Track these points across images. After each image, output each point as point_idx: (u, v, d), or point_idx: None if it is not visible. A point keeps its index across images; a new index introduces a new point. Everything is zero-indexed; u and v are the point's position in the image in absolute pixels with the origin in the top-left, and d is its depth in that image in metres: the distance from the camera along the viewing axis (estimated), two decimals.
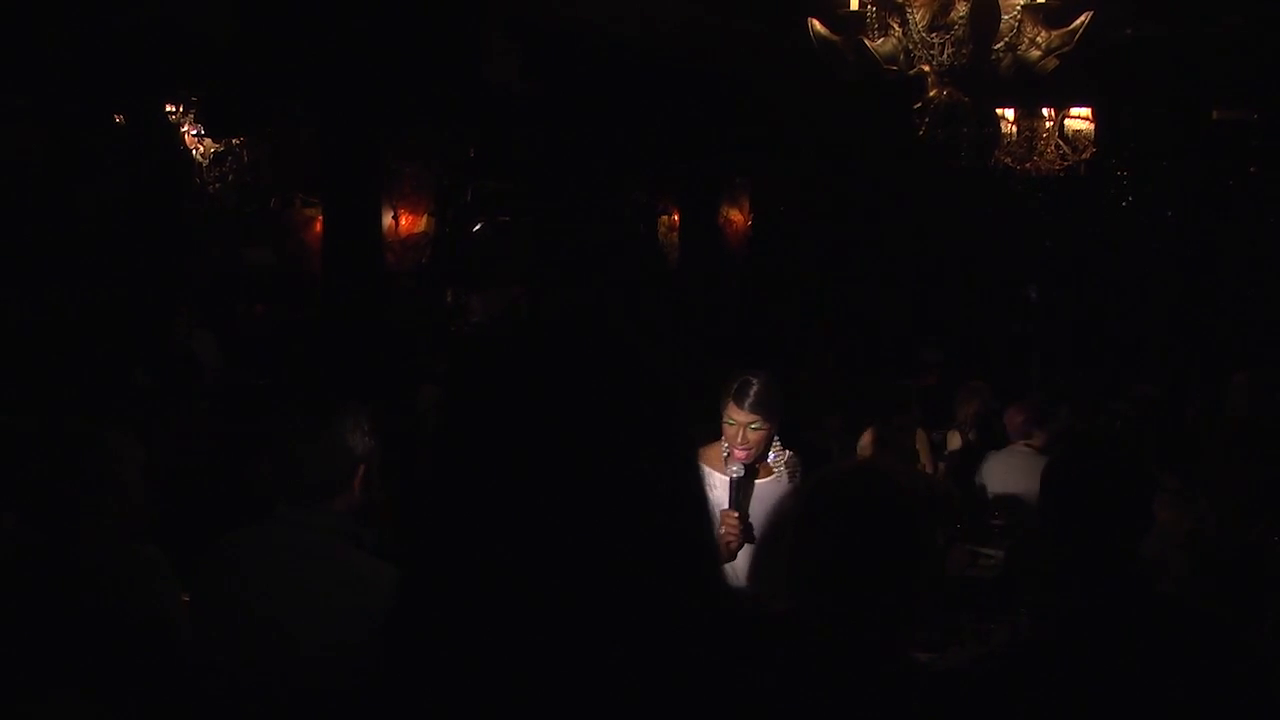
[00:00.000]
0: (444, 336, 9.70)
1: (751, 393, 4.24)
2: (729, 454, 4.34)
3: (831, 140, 11.75)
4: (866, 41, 4.74)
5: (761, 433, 4.27)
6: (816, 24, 4.92)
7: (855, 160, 12.13)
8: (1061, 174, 8.75)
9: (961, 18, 4.59)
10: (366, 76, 8.65)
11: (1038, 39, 4.77)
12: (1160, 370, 11.47)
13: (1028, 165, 8.61)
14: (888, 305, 13.15)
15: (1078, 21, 4.82)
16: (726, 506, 4.24)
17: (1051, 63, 4.87)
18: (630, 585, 1.27)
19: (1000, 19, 4.62)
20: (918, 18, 4.64)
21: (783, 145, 11.79)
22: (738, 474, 4.25)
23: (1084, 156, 8.54)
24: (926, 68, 4.71)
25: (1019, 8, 4.67)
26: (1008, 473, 6.47)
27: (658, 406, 1.36)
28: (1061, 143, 8.56)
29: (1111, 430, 6.82)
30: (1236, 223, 13.82)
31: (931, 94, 4.77)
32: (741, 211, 12.15)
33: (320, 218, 9.89)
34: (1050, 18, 4.84)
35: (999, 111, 8.47)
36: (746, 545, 4.25)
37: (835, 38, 4.89)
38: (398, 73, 8.60)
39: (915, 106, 4.87)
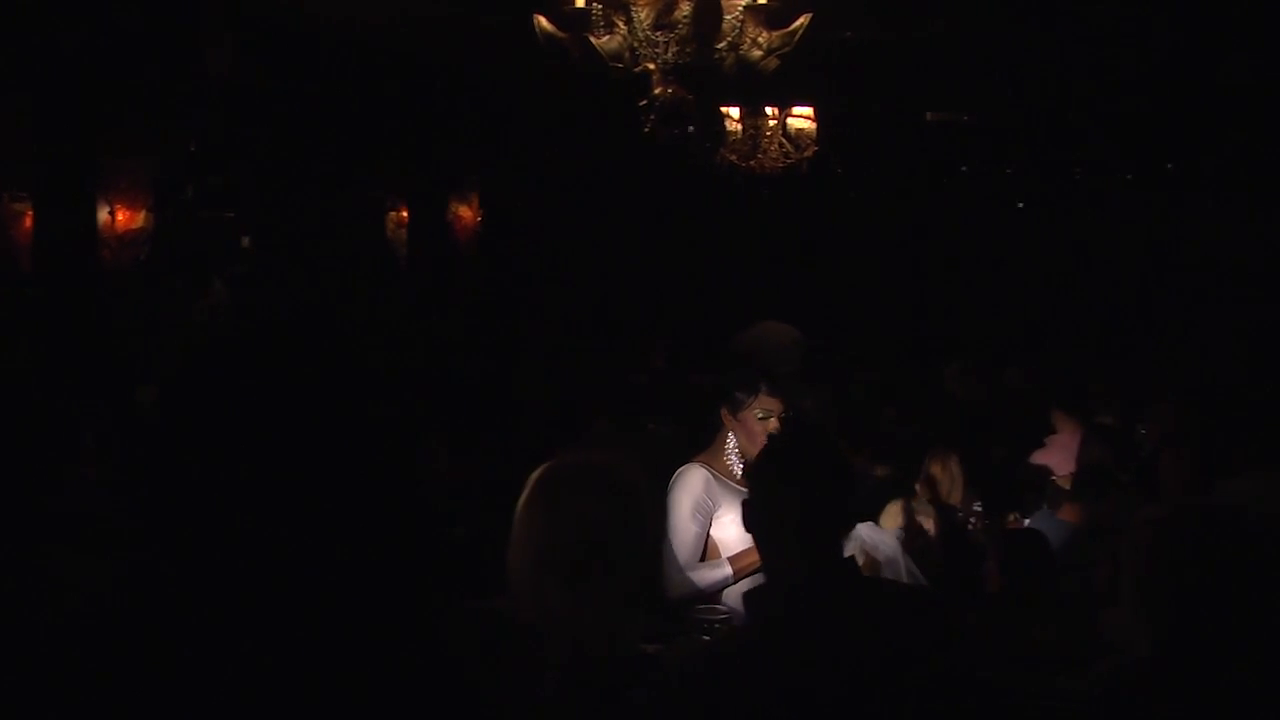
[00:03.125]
0: (164, 335, 9.36)
1: (764, 380, 4.20)
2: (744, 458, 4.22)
3: (560, 137, 11.77)
4: (592, 39, 4.75)
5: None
6: (543, 21, 4.90)
7: (584, 157, 12.17)
8: (785, 171, 8.93)
9: (685, 17, 4.63)
10: (79, 66, 8.28)
11: (759, 39, 4.86)
12: (882, 362, 11.86)
13: (752, 163, 8.76)
14: (623, 302, 13.26)
15: (797, 23, 4.92)
16: None
17: (773, 62, 4.95)
18: (349, 576, 1.27)
19: (723, 19, 4.68)
20: (642, 16, 4.66)
21: (512, 142, 11.76)
22: None
23: (806, 155, 8.74)
24: (651, 66, 4.74)
25: (741, 8, 4.74)
26: None
27: (379, 404, 1.33)
28: (785, 141, 8.75)
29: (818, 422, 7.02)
30: (950, 220, 14.43)
31: (657, 91, 4.80)
32: (471, 208, 12.07)
33: (30, 213, 9.40)
34: (771, 19, 4.92)
35: (724, 109, 8.61)
36: None
37: (562, 35, 4.88)
38: (112, 63, 8.26)
39: (641, 104, 4.89)
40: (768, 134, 8.67)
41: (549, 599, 2.43)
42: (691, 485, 4.27)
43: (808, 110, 8.67)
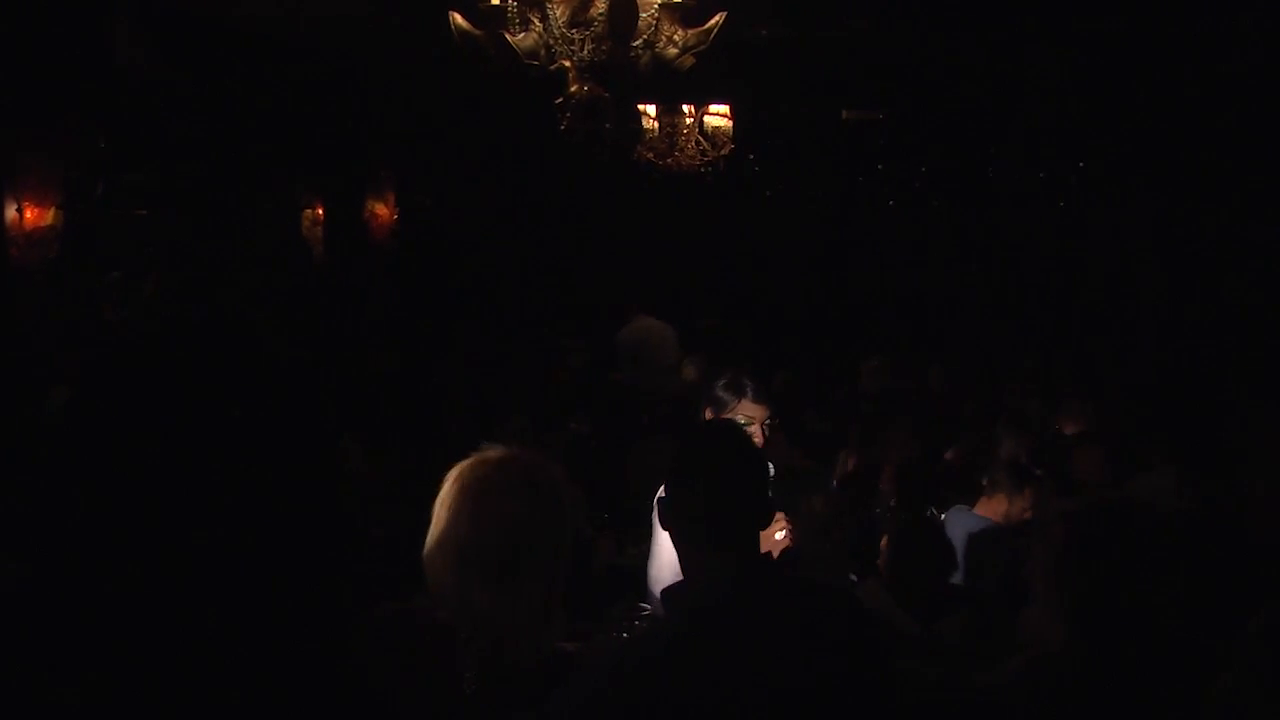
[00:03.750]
0: (75, 335, 9.21)
1: (751, 386, 4.17)
2: None
3: (476, 134, 11.73)
4: (508, 36, 4.72)
5: (769, 426, 4.21)
6: (458, 18, 4.87)
7: (501, 154, 12.14)
8: (701, 169, 8.96)
9: (600, 14, 4.62)
10: None
11: (675, 37, 4.86)
12: (802, 356, 11.94)
13: (669, 160, 8.78)
14: (541, 300, 13.24)
15: (712, 21, 4.93)
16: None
17: (688, 60, 4.96)
18: (261, 578, 1.26)
19: (638, 16, 4.67)
20: (558, 14, 4.65)
21: (429, 139, 11.69)
22: (773, 474, 4.13)
23: (723, 152, 8.77)
24: (567, 63, 4.73)
25: (656, 6, 4.74)
26: (653, 457, 6.55)
27: (292, 403, 1.31)
28: (701, 139, 8.78)
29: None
30: (866, 217, 14.55)
31: (573, 89, 4.78)
32: (388, 206, 11.98)
33: None
34: (687, 17, 4.93)
35: (641, 107, 8.61)
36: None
37: (477, 32, 4.85)
38: (19, 57, 8.10)
39: (557, 102, 4.87)
40: (684, 132, 8.69)
41: (469, 598, 2.42)
42: None
43: (724, 108, 8.70)
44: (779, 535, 4.01)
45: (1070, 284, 13.55)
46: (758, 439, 4.12)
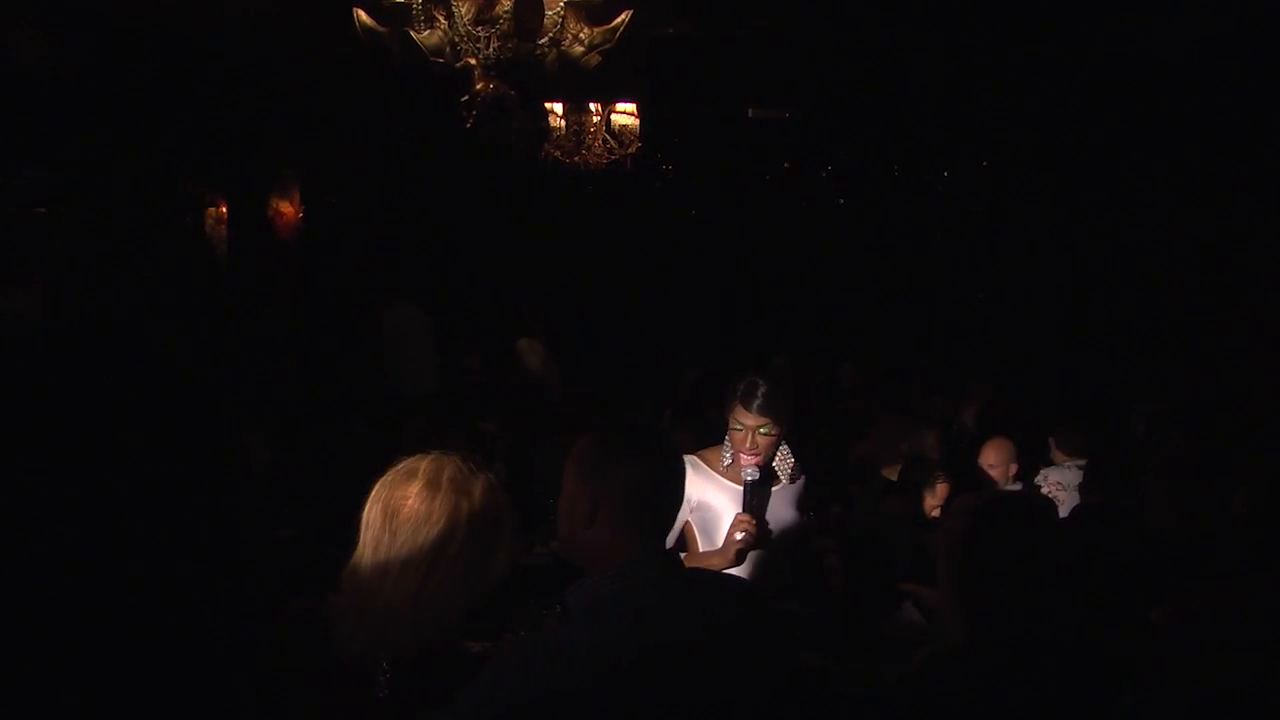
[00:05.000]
0: None
1: (760, 395, 4.10)
2: (733, 458, 4.20)
3: (382, 132, 11.65)
4: (413, 34, 4.70)
5: (771, 437, 4.14)
6: (362, 15, 4.84)
7: (407, 152, 12.07)
8: (609, 168, 8.97)
9: (506, 12, 4.61)
10: None
11: (581, 35, 4.86)
12: (710, 356, 12.00)
13: (576, 159, 8.78)
14: (449, 299, 13.17)
15: (618, 19, 4.93)
16: (740, 510, 4.11)
17: (595, 59, 4.96)
18: (159, 580, 1.24)
19: (544, 14, 4.67)
20: (463, 11, 4.63)
21: (334, 137, 11.59)
22: (752, 477, 4.10)
23: (630, 151, 8.79)
24: (473, 61, 4.71)
25: (562, 4, 4.74)
26: (554, 454, 6.55)
27: (193, 403, 1.31)
28: (609, 137, 8.79)
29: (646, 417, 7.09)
30: (775, 216, 14.64)
31: (478, 87, 4.77)
32: (292, 203, 11.85)
33: None
34: (593, 15, 4.93)
35: (548, 106, 8.61)
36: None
37: (382, 29, 4.82)
38: None
39: (463, 100, 4.85)
40: (591, 130, 8.70)
41: (387, 599, 2.41)
42: None
43: (631, 107, 8.72)
44: (739, 535, 4.05)
45: (975, 280, 13.71)
46: (749, 448, 4.14)
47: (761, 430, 4.11)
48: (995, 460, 5.99)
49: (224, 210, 11.22)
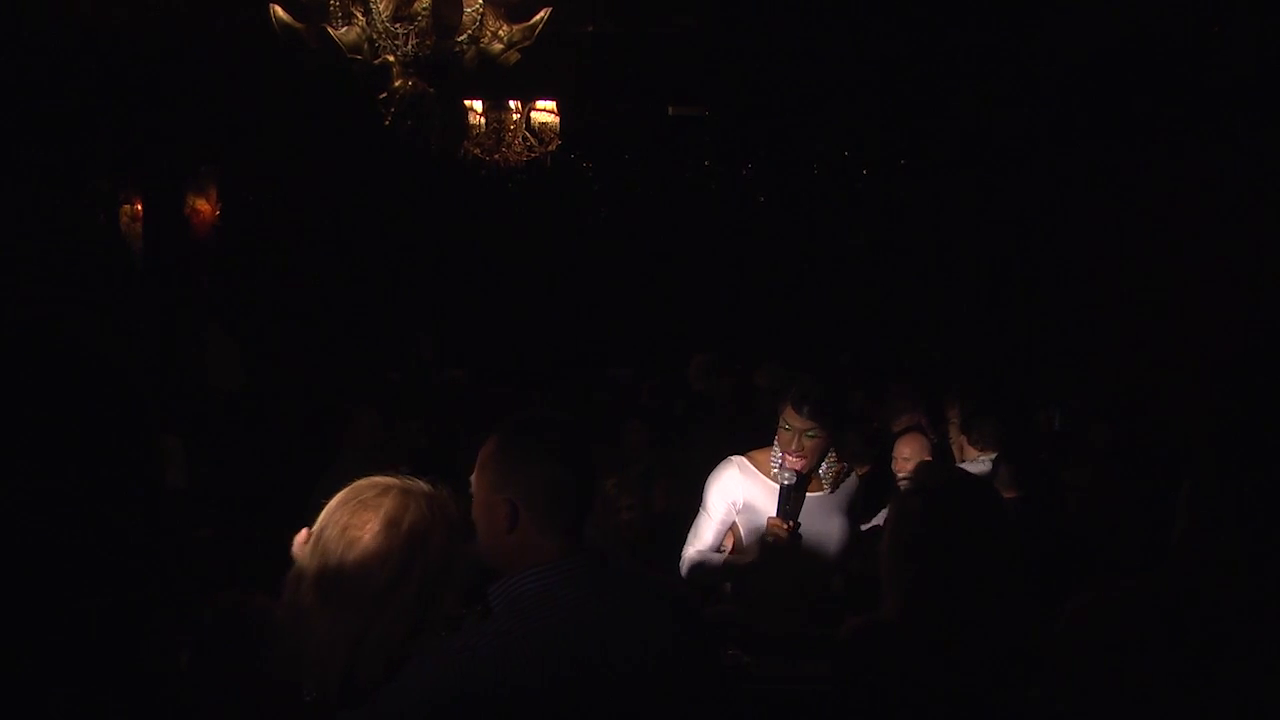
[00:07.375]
0: None
1: (811, 398, 4.09)
2: (781, 460, 4.18)
3: (300, 129, 11.55)
4: (330, 30, 4.66)
5: (818, 440, 4.13)
6: (279, 10, 4.79)
7: (324, 149, 11.97)
8: (529, 165, 8.96)
9: (424, 9, 4.59)
10: None
11: (500, 32, 4.85)
12: (633, 354, 12.02)
13: (496, 156, 8.76)
14: (372, 297, 13.09)
15: (537, 17, 4.93)
16: (774, 514, 4.12)
17: (514, 56, 4.96)
18: (71, 581, 1.25)
19: (462, 11, 4.66)
20: (381, 8, 4.61)
21: (251, 134, 11.47)
22: (789, 481, 4.11)
23: (550, 148, 8.79)
24: (391, 58, 4.69)
25: (481, 1, 4.73)
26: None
27: (107, 405, 1.29)
28: (529, 134, 8.78)
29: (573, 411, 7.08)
30: (695, 213, 14.67)
31: (396, 84, 4.75)
32: (209, 201, 11.71)
33: None
34: (512, 12, 4.93)
35: (467, 103, 8.57)
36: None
37: (298, 25, 4.78)
38: None
39: (381, 97, 4.83)
40: (511, 127, 8.68)
41: (329, 633, 2.38)
42: (721, 476, 4.40)
43: (551, 104, 8.72)
44: (769, 539, 4.10)
45: (894, 278, 13.83)
46: (794, 450, 4.16)
47: (809, 434, 4.13)
48: (910, 454, 6.05)
49: (139, 208, 11.07)
